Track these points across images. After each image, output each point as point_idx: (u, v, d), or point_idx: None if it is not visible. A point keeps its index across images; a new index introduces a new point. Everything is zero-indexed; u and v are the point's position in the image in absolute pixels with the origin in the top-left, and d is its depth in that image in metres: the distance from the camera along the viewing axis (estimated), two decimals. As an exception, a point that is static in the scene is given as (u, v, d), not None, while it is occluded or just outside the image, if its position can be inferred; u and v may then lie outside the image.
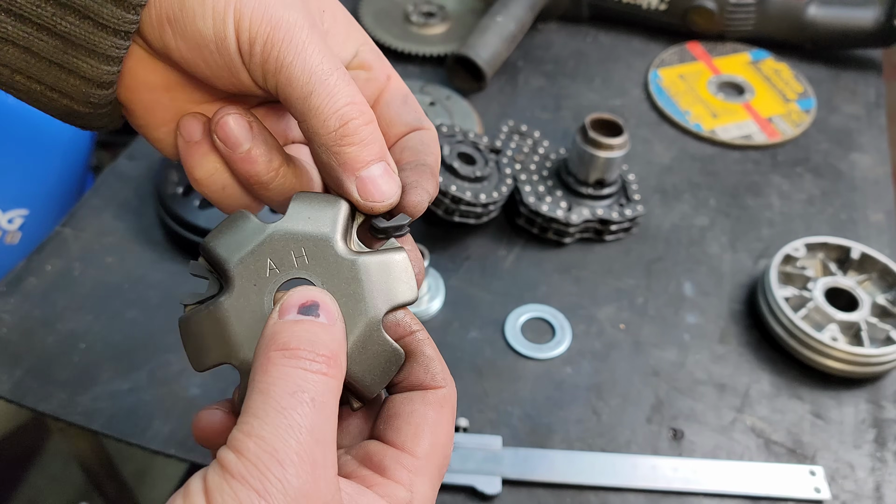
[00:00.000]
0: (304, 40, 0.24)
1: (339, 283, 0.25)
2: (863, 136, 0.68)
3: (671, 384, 0.49)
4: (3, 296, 0.51)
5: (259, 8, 0.24)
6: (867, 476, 0.45)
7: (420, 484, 0.24)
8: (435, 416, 0.25)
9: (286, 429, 0.20)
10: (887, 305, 0.51)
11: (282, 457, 0.20)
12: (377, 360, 0.25)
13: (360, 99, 0.25)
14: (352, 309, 0.25)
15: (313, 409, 0.21)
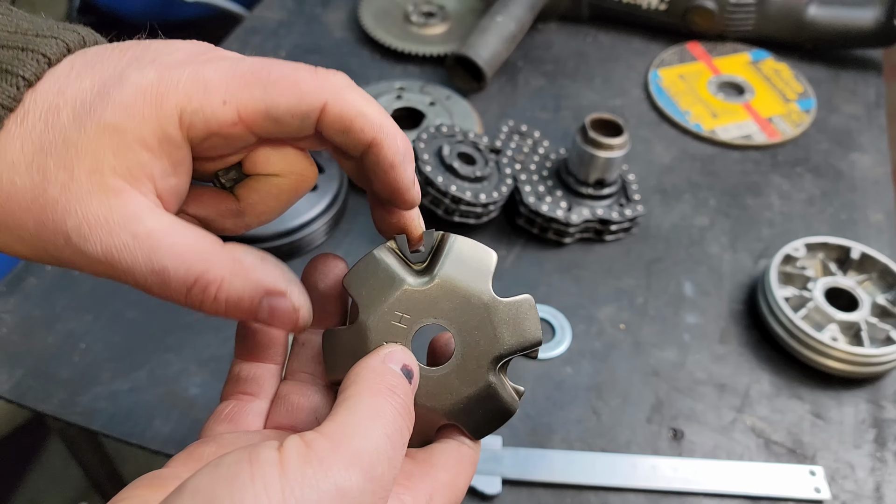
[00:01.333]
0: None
1: (448, 300, 0.26)
2: (863, 136, 0.68)
3: (671, 384, 0.49)
4: (3, 296, 0.51)
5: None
6: (867, 476, 0.45)
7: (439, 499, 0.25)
8: (463, 462, 0.26)
9: (383, 452, 0.21)
10: (887, 305, 0.51)
11: (367, 458, 0.21)
12: (494, 413, 0.26)
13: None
14: (473, 304, 0.26)
15: (403, 446, 0.22)
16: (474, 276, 0.26)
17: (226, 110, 0.24)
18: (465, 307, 0.26)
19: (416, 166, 0.56)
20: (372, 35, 0.74)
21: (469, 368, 0.26)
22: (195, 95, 0.24)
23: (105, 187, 0.23)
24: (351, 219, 0.59)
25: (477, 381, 0.26)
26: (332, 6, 0.80)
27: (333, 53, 0.74)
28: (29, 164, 0.23)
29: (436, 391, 0.26)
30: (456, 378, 0.26)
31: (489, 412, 0.26)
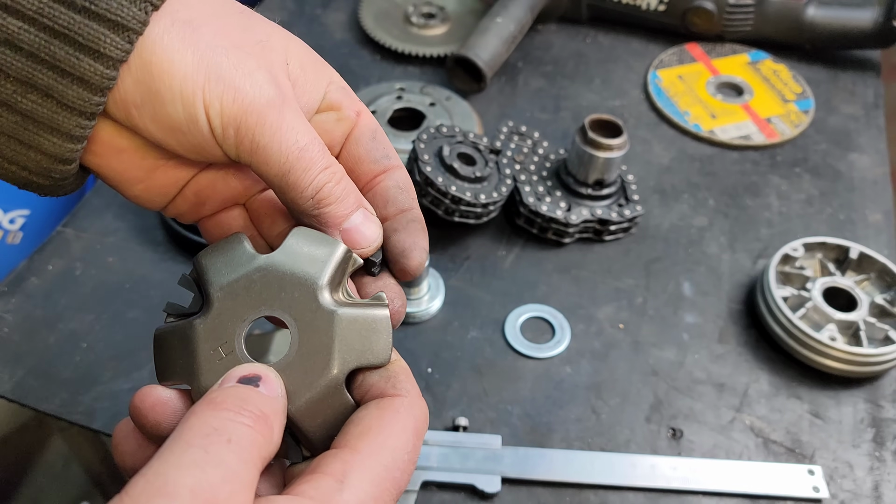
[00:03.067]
0: (276, 120, 0.25)
1: (312, 331, 0.24)
2: (861, 137, 0.69)
3: (670, 384, 0.49)
4: (5, 296, 0.51)
5: (228, 91, 0.24)
6: (866, 475, 0.45)
7: (357, 477, 0.21)
8: (388, 418, 0.23)
9: (186, 465, 0.19)
10: (886, 305, 0.51)
11: (170, 487, 0.18)
12: (334, 419, 0.24)
13: (331, 161, 0.26)
14: (317, 363, 0.24)
15: (228, 449, 0.19)
16: (354, 346, 0.25)
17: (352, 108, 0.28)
18: (309, 308, 0.25)
19: (416, 166, 0.56)
20: (372, 36, 0.74)
21: (307, 368, 0.24)
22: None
23: (274, 76, 0.25)
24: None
25: (317, 383, 0.24)
26: (332, 7, 0.80)
27: (334, 54, 0.74)
28: (205, 35, 0.24)
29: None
30: (295, 376, 0.24)
31: (333, 420, 0.24)
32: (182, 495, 0.18)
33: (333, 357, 0.24)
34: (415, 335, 0.51)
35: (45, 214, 0.80)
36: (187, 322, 0.25)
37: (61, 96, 0.23)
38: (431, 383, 0.48)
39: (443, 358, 0.50)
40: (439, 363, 0.49)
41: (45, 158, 0.24)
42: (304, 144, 0.25)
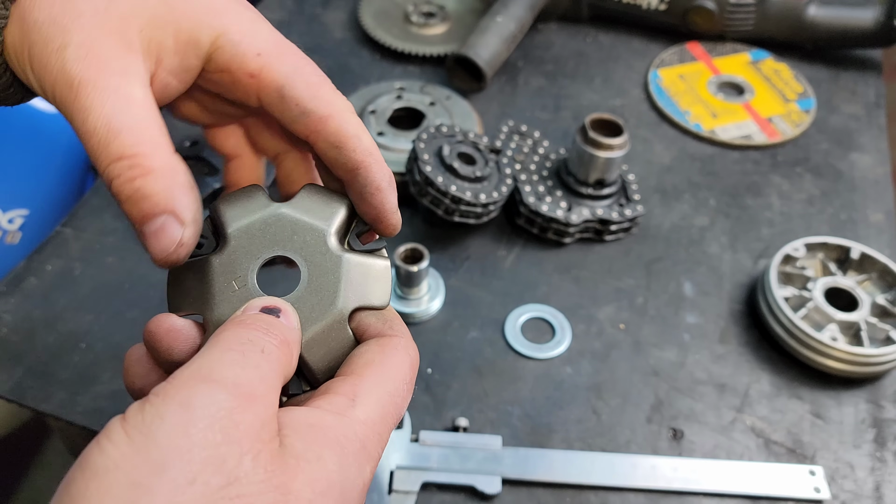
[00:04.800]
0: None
1: (321, 272, 0.27)
2: (863, 137, 0.68)
3: (671, 384, 0.49)
4: (4, 296, 0.51)
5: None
6: (867, 476, 0.45)
7: (365, 398, 0.23)
8: (389, 352, 0.25)
9: (227, 363, 0.21)
10: (887, 305, 0.51)
11: (216, 377, 0.20)
12: (335, 353, 0.26)
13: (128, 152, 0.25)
14: (324, 299, 0.26)
15: (262, 357, 0.22)
16: (359, 289, 0.27)
17: (255, 61, 0.26)
18: (324, 294, 0.27)
19: (416, 166, 0.56)
20: (372, 35, 0.74)
21: (314, 302, 0.26)
22: (242, 33, 0.26)
23: (125, 37, 0.25)
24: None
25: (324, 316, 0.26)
26: (332, 6, 0.80)
27: (334, 53, 0.74)
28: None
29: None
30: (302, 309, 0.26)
31: (335, 354, 0.26)
32: (225, 384, 0.20)
33: (339, 294, 0.26)
34: (415, 335, 0.51)
35: (44, 214, 0.80)
36: (203, 258, 0.27)
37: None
38: (431, 384, 0.48)
39: (443, 358, 0.50)
40: (439, 363, 0.49)
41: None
42: (91, 128, 0.23)
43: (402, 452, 0.44)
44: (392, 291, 0.51)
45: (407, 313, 0.51)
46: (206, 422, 0.20)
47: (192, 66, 0.26)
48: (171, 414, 0.19)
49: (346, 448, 0.22)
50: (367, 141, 0.27)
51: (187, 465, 0.19)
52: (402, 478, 0.42)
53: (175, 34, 0.25)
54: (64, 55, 0.24)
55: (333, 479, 0.21)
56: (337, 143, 0.27)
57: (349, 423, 0.22)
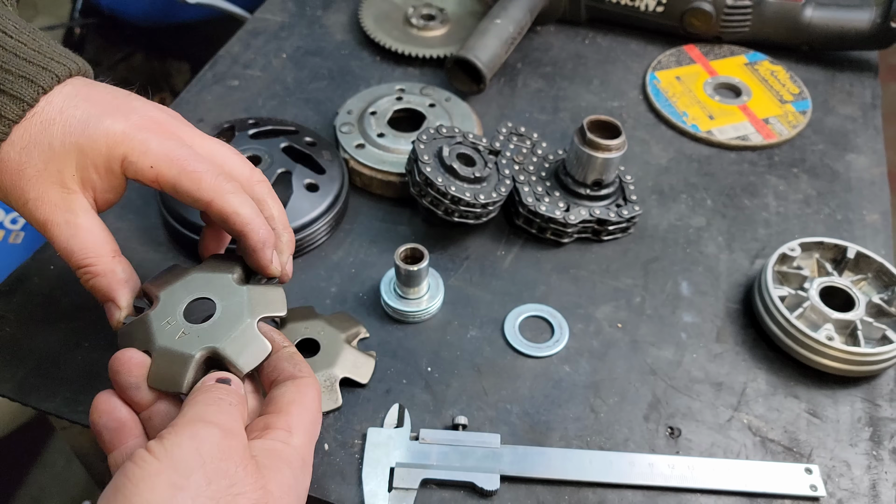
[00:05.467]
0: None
1: (232, 301, 0.38)
2: (859, 137, 0.69)
3: (668, 383, 0.50)
4: (7, 295, 0.52)
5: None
6: (863, 474, 0.45)
7: (296, 428, 0.34)
8: (304, 391, 0.35)
9: (212, 412, 0.32)
10: (883, 305, 0.51)
11: (208, 419, 0.31)
12: (250, 348, 0.36)
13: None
14: (237, 315, 0.37)
15: (233, 408, 0.33)
16: (259, 305, 0.38)
17: (150, 172, 0.37)
18: (234, 311, 0.38)
19: (416, 167, 0.57)
20: (372, 37, 0.74)
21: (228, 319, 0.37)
22: (136, 154, 0.36)
23: (64, 184, 0.36)
24: (352, 219, 0.59)
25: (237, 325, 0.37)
26: (333, 9, 0.81)
27: (334, 55, 0.75)
28: (22, 148, 0.36)
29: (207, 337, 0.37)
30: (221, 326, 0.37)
31: (250, 349, 0.36)
32: (216, 424, 0.31)
33: (245, 309, 0.37)
34: (414, 334, 0.51)
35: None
36: (143, 314, 0.38)
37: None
38: (431, 382, 0.49)
39: (442, 357, 0.50)
40: (439, 362, 0.50)
41: None
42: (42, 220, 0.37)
43: (402, 450, 0.44)
44: (393, 291, 0.52)
45: (407, 312, 0.51)
46: (209, 446, 0.30)
47: (117, 183, 0.38)
48: (184, 442, 0.30)
49: (294, 465, 0.33)
50: (245, 213, 0.37)
51: (203, 473, 0.29)
52: (402, 475, 0.43)
53: (95, 169, 0.36)
54: (28, 207, 0.36)
55: (291, 484, 0.32)
56: (222, 219, 0.37)
57: (292, 449, 0.33)
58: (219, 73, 0.72)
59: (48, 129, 0.36)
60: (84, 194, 0.37)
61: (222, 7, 0.89)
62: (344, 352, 0.48)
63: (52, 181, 0.36)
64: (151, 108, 0.38)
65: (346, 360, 0.47)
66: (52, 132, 0.35)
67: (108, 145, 0.36)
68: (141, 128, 0.37)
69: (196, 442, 0.30)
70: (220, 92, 0.70)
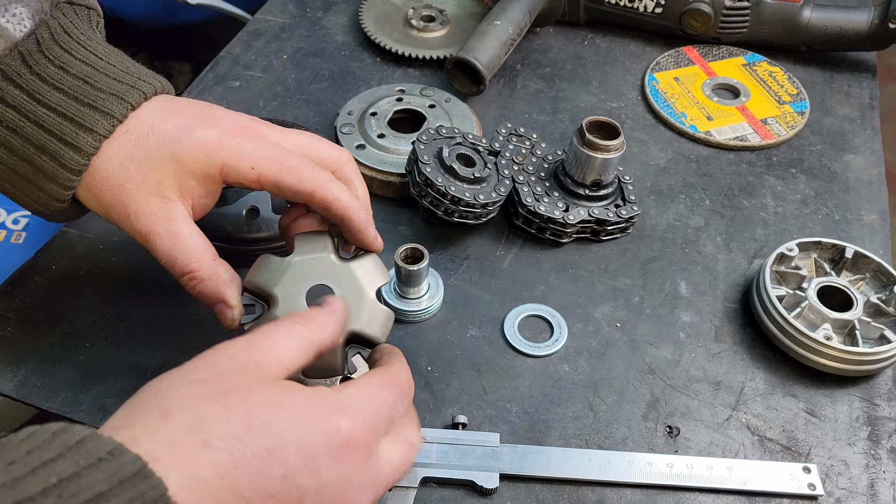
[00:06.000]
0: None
1: (344, 281, 0.39)
2: (857, 138, 0.69)
3: (667, 382, 0.50)
4: (9, 295, 0.52)
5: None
6: (861, 473, 0.46)
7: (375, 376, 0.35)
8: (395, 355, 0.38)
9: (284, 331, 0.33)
10: (881, 304, 0.51)
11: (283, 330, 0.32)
12: (379, 320, 0.39)
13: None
14: (358, 294, 0.39)
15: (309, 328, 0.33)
16: (367, 280, 0.40)
17: (251, 173, 0.38)
18: (351, 291, 0.39)
19: (416, 167, 0.57)
20: (373, 38, 0.75)
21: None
22: (236, 159, 0.38)
23: (162, 194, 0.38)
24: (351, 220, 0.59)
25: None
26: (333, 10, 0.81)
27: (335, 57, 0.75)
28: (120, 163, 0.38)
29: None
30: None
31: (381, 321, 0.40)
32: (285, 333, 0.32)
33: (363, 288, 0.39)
34: (414, 334, 0.52)
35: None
36: (266, 315, 0.39)
37: (58, 159, 0.37)
38: (431, 381, 0.49)
39: (442, 356, 0.50)
40: (439, 361, 0.50)
41: (48, 198, 0.39)
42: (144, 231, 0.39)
43: (401, 449, 0.44)
44: (393, 291, 0.52)
45: (407, 312, 0.51)
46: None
47: (214, 189, 0.40)
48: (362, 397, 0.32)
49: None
50: (345, 199, 0.39)
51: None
52: (401, 474, 0.43)
53: (194, 176, 0.38)
54: (129, 220, 0.38)
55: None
56: (324, 207, 0.39)
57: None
58: (220, 74, 0.72)
59: (143, 143, 0.38)
60: (182, 203, 0.38)
61: (223, 8, 0.89)
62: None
63: (151, 193, 0.37)
64: (235, 115, 0.41)
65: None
66: (147, 146, 0.38)
67: (206, 153, 0.38)
68: (232, 133, 0.39)
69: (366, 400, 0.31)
70: (221, 93, 0.70)
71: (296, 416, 0.28)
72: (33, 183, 0.38)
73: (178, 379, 0.28)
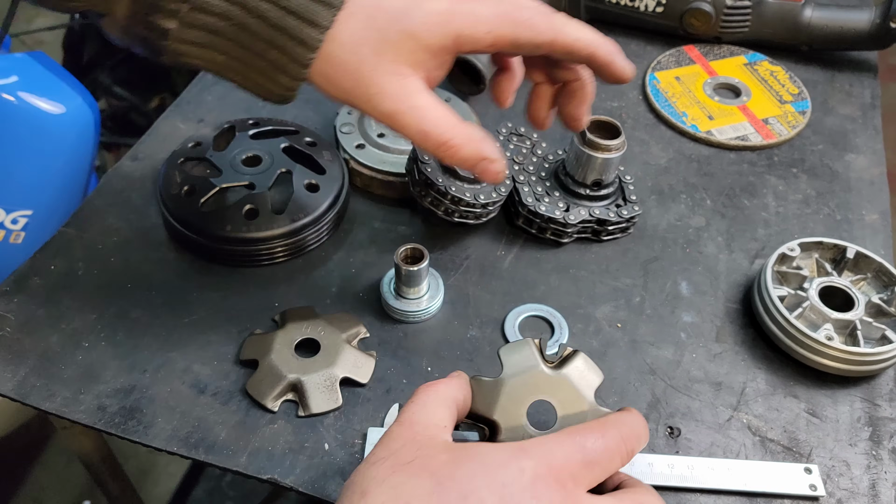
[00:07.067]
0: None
1: (562, 392, 0.37)
2: (858, 138, 0.69)
3: (668, 382, 0.50)
4: (7, 295, 0.52)
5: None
6: (862, 474, 0.45)
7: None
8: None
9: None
10: (882, 305, 0.51)
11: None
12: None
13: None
14: (578, 402, 0.37)
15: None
16: (584, 384, 0.38)
17: (487, 37, 0.38)
18: (571, 400, 0.37)
19: (416, 167, 0.57)
20: (372, 38, 0.74)
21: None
22: (468, 25, 0.37)
23: (398, 71, 0.37)
24: (352, 219, 0.59)
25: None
26: (332, 9, 0.81)
27: (334, 56, 0.75)
28: (352, 47, 0.37)
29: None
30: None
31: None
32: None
33: (582, 394, 0.37)
34: (415, 334, 0.51)
35: (48, 215, 0.80)
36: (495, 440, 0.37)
37: (288, 53, 0.37)
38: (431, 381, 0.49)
39: (442, 356, 0.50)
40: (439, 361, 0.50)
41: (280, 88, 0.38)
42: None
43: (401, 450, 0.44)
44: (393, 291, 0.52)
45: (407, 312, 0.51)
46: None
47: (447, 60, 0.39)
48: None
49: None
50: (585, 36, 0.39)
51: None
52: (401, 475, 0.43)
53: (427, 49, 0.37)
54: (372, 103, 0.38)
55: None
56: (566, 52, 0.39)
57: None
58: (219, 74, 0.72)
59: (372, 23, 0.37)
60: (419, 76, 0.38)
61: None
62: (344, 351, 0.48)
63: (388, 72, 0.37)
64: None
65: (346, 359, 0.47)
66: (377, 25, 0.37)
67: (439, 24, 0.37)
68: (460, 1, 0.38)
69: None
70: (220, 92, 0.70)
71: (478, 466, 0.29)
72: (266, 75, 0.37)
73: (363, 467, 0.31)
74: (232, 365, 0.49)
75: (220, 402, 0.46)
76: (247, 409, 0.46)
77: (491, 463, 0.29)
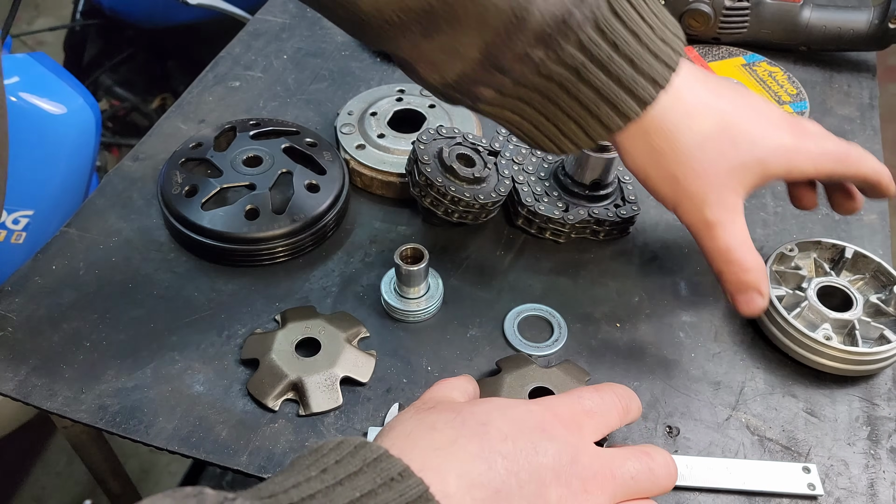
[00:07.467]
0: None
1: (556, 379, 0.46)
2: (857, 138, 0.69)
3: (666, 382, 0.50)
4: (9, 295, 0.52)
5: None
6: (861, 473, 0.46)
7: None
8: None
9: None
10: (880, 305, 0.51)
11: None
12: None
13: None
14: (573, 387, 0.44)
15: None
16: (574, 377, 0.45)
17: (811, 171, 0.43)
18: (566, 386, 0.44)
19: (416, 167, 0.57)
20: (372, 39, 0.75)
21: None
22: (804, 161, 0.42)
23: (737, 190, 0.42)
24: (352, 219, 0.60)
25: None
26: (332, 10, 0.81)
27: (335, 57, 0.75)
28: (711, 157, 0.41)
29: None
30: None
31: None
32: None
33: (576, 383, 0.44)
34: (415, 334, 0.52)
35: (49, 215, 0.81)
36: (497, 377, 0.46)
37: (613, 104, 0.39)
38: (431, 381, 0.49)
39: (442, 356, 0.50)
40: (439, 361, 0.50)
41: (588, 141, 0.42)
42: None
43: (401, 449, 0.44)
44: (393, 291, 0.52)
45: (407, 312, 0.51)
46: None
47: (764, 183, 0.43)
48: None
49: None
50: (877, 169, 0.45)
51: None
52: (401, 474, 0.43)
53: (766, 177, 0.42)
54: (703, 207, 0.41)
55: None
56: (861, 179, 0.45)
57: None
58: (220, 75, 0.72)
59: (734, 147, 0.41)
60: (741, 198, 0.42)
61: (223, 9, 0.89)
62: (344, 351, 0.48)
63: (731, 187, 0.41)
64: (771, 107, 0.44)
65: (346, 359, 0.48)
66: (739, 149, 0.41)
67: (785, 159, 0.42)
68: (798, 136, 0.42)
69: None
70: (221, 93, 0.70)
71: (493, 405, 0.34)
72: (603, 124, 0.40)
73: (402, 416, 0.34)
74: (233, 364, 0.49)
75: (221, 401, 0.47)
76: (247, 409, 0.46)
77: (504, 405, 0.34)
